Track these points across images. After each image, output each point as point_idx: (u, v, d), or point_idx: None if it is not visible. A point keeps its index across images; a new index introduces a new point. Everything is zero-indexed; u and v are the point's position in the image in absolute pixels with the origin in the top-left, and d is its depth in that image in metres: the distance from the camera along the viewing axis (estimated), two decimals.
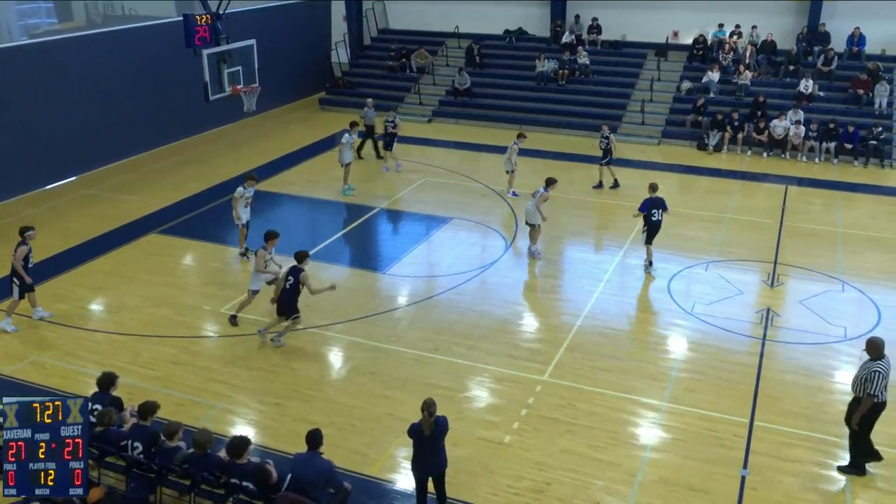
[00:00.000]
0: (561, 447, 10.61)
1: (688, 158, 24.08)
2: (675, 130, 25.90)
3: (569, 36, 29.65)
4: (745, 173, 22.69)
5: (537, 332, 13.86)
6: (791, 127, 24.08)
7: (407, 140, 25.70)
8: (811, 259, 16.44)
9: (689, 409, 11.46)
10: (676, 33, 29.12)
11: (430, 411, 8.70)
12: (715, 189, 21.46)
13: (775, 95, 25.85)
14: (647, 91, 27.03)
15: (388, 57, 31.22)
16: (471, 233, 18.13)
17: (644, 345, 13.31)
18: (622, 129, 26.26)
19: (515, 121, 27.09)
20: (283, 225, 19.25)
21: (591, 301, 14.75)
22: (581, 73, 28.47)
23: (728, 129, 24.60)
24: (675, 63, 28.40)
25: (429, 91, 29.54)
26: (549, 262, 16.89)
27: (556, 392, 11.87)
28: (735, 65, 26.98)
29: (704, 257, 16.60)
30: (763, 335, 13.54)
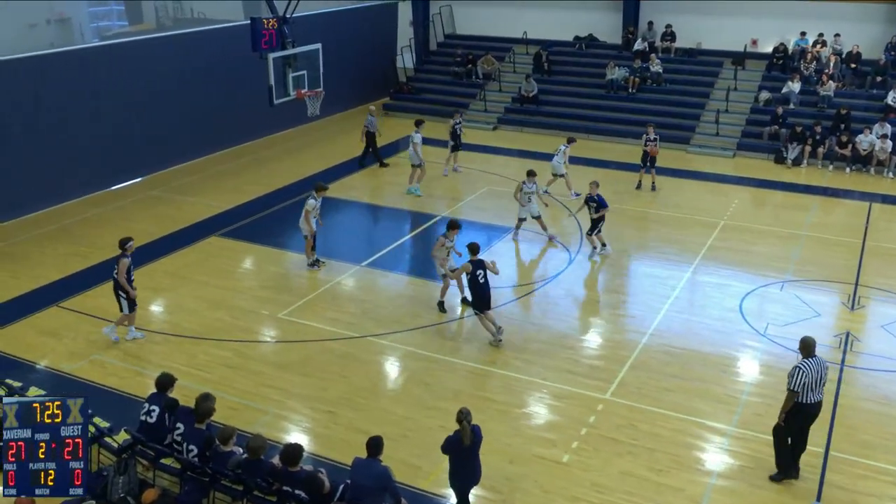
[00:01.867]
0: (621, 469, 10.45)
1: (764, 172, 23.52)
2: (751, 143, 25.33)
3: (641, 43, 29.33)
4: (825, 189, 22.06)
5: (600, 348, 13.69)
6: (877, 141, 23.32)
7: (471, 147, 25.74)
8: (891, 281, 15.86)
9: (758, 435, 11.15)
10: (755, 41, 28.50)
11: (467, 420, 8.76)
12: (792, 204, 20.92)
13: (860, 108, 25.09)
14: (722, 101, 26.53)
15: (453, 63, 31.37)
16: (532, 244, 18.04)
17: (712, 366, 13.01)
18: (695, 141, 25.83)
19: (583, 129, 26.90)
20: (343, 231, 19.60)
21: (658, 318, 14.51)
22: (653, 81, 28.13)
23: (809, 142, 23.96)
24: (753, 72, 27.81)
25: (494, 98, 29.57)
26: (614, 277, 16.70)
27: (618, 412, 11.70)
28: (817, 75, 26.28)
29: (779, 276, 16.17)
30: (841, 360, 13.11)
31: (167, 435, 9.54)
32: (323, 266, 16.51)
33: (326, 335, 13.83)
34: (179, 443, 9.33)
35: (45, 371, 12.78)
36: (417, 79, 32.03)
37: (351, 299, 15.58)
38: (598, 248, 17.14)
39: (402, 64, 32.33)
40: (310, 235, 16.34)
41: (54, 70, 19.51)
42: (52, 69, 19.46)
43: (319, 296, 15.39)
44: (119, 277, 13.20)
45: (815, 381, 9.78)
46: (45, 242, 17.89)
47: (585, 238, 17.33)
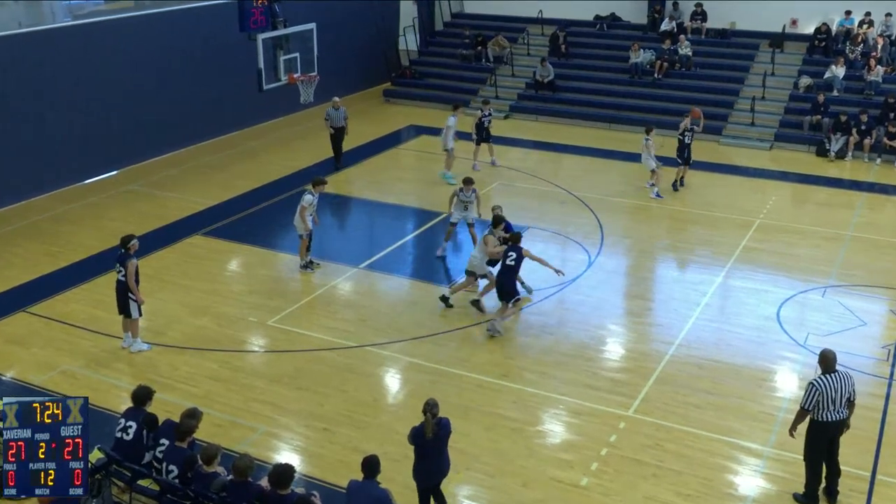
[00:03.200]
0: (645, 493, 10.45)
1: (805, 166, 23.50)
2: (790, 133, 25.32)
3: (668, 23, 29.33)
4: (872, 185, 22.02)
5: (622, 360, 13.69)
6: None
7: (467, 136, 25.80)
8: None
9: (797, 458, 11.10)
10: (795, 21, 28.47)
11: (432, 412, 9.08)
12: (836, 202, 20.89)
13: None
14: (758, 87, 26.51)
15: (461, 44, 31.43)
16: (548, 244, 18.05)
17: (747, 380, 12.99)
18: (728, 131, 25.84)
19: (604, 118, 26.97)
20: (339, 229, 19.66)
21: (687, 327, 14.50)
22: (682, 65, 28.13)
23: (854, 132, 23.92)
24: (793, 56, 27.81)
25: (507, 83, 29.62)
26: (638, 281, 16.71)
27: (642, 430, 11.70)
28: (864, 59, 26.26)
29: (821, 281, 16.14)
30: (890, 375, 13.08)
31: (145, 454, 9.57)
32: (318, 268, 16.57)
33: (321, 344, 13.87)
34: (160, 461, 9.36)
35: (11, 383, 12.83)
36: (422, 62, 32.10)
37: (348, 305, 15.62)
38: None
39: (405, 46, 32.39)
40: (305, 234, 16.35)
41: (21, 52, 19.62)
42: (19, 51, 19.57)
43: (313, 301, 15.42)
44: (130, 282, 13.23)
45: (832, 398, 9.75)
46: (11, 241, 18.00)
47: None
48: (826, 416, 9.84)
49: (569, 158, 24.17)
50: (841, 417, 9.94)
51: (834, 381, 9.81)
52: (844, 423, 10.04)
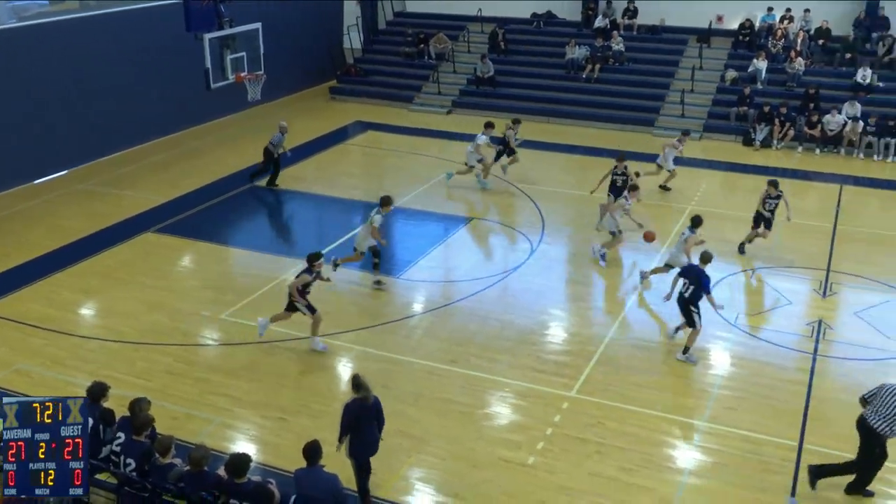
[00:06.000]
0: (589, 470, 10.57)
1: (732, 154, 23.94)
2: (718, 124, 25.75)
3: (602, 20, 29.59)
4: (795, 171, 22.50)
5: (565, 343, 13.82)
6: (848, 121, 23.88)
7: (424, 133, 25.81)
8: (868, 266, 16.25)
9: (731, 430, 11.37)
10: (721, 17, 28.94)
11: (362, 387, 9.29)
12: (762, 188, 21.26)
13: (829, 86, 25.63)
14: (687, 81, 26.90)
15: (404, 43, 31.32)
16: (493, 234, 18.12)
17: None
18: (659, 123, 26.18)
19: (543, 112, 27.11)
20: (290, 223, 19.48)
21: (625, 310, 14.69)
22: (615, 60, 28.40)
23: (777, 122, 24.42)
24: (719, 50, 28.27)
25: (448, 80, 29.59)
26: (579, 267, 16.85)
27: (585, 410, 11.83)
28: (785, 52, 26.80)
29: (750, 263, 16.47)
30: (814, 350, 13.41)
31: (102, 448, 9.40)
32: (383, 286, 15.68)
33: (276, 336, 13.73)
34: (118, 455, 9.20)
35: None
36: (366, 60, 31.89)
37: None
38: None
39: (349, 44, 32.16)
40: (361, 251, 15.47)
41: None
42: None
43: (266, 294, 15.26)
44: (292, 291, 13.06)
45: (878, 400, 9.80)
46: None
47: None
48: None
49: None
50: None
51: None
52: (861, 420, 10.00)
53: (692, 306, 12.95)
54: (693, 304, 12.93)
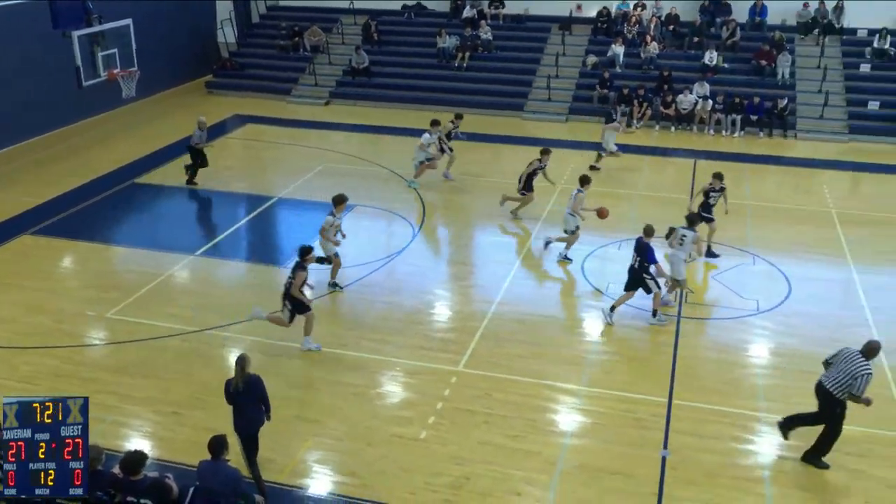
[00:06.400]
0: (479, 439, 10.74)
1: (596, 135, 24.50)
2: (582, 106, 26.44)
3: (470, 10, 29.83)
4: (654, 148, 23.38)
5: (450, 321, 13.96)
6: (699, 100, 24.96)
7: (303, 125, 25.45)
8: (721, 233, 17.05)
9: (607, 392, 11.78)
10: (580, 6, 29.69)
11: (241, 365, 9.28)
12: (624, 166, 22.02)
13: (681, 68, 26.72)
14: (552, 66, 27.48)
15: (279, 35, 30.70)
16: (375, 220, 18.08)
17: (559, 328, 13.59)
18: (528, 107, 26.66)
19: (417, 100, 27.15)
20: (174, 218, 18.84)
21: (504, 286, 14.94)
22: (484, 48, 28.71)
23: (635, 103, 25.28)
24: (580, 37, 28.98)
25: (325, 71, 29.22)
26: (459, 248, 17.02)
27: (472, 383, 12.00)
28: (640, 38, 27.73)
29: (617, 236, 17.03)
30: (678, 313, 14.02)
31: None
32: (340, 292, 15.01)
33: (163, 332, 13.31)
34: None
35: None
36: (241, 54, 31.08)
37: (186, 292, 15.07)
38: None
39: (224, 39, 31.24)
40: (333, 254, 14.71)
41: None
42: None
43: (151, 291, 14.76)
44: (294, 291, 12.38)
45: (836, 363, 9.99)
46: None
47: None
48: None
49: (388, 139, 24.24)
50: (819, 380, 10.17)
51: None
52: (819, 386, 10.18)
53: (645, 274, 13.45)
54: (645, 272, 13.46)
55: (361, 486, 9.87)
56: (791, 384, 11.98)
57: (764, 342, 13.23)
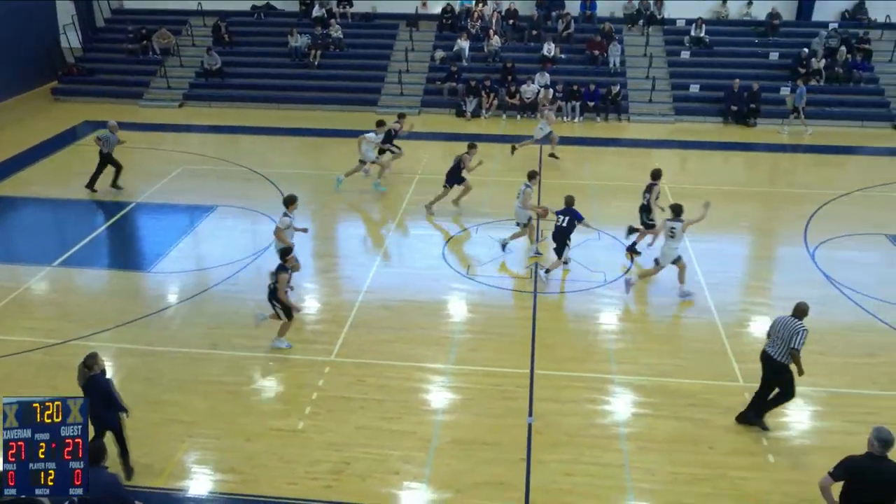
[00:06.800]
0: (355, 424, 10.72)
1: (448, 126, 24.93)
2: (433, 99, 26.68)
3: (319, 10, 29.45)
4: (503, 136, 23.87)
5: (319, 313, 13.81)
6: (540, 89, 25.70)
7: (158, 128, 24.46)
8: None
9: (474, 369, 12.00)
10: (425, 3, 29.89)
11: (86, 364, 9.30)
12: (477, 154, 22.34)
13: (522, 60, 27.39)
14: (402, 62, 27.56)
15: (126, 39, 29.24)
16: (239, 219, 17.61)
17: (426, 312, 13.69)
18: (382, 102, 26.63)
19: (273, 100, 26.65)
20: (28, 230, 17.66)
21: (371, 275, 14.92)
22: (335, 46, 28.43)
23: (483, 94, 25.75)
24: (427, 33, 29.19)
25: (176, 74, 28.10)
26: (324, 242, 16.85)
27: (346, 371, 11.94)
28: (483, 32, 28.23)
29: (474, 221, 17.33)
30: (534, 289, 14.44)
31: None
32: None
33: (24, 347, 12.48)
34: None
35: None
36: (87, 59, 29.42)
37: (46, 303, 14.19)
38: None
39: (68, 44, 29.43)
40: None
41: None
42: None
43: (7, 305, 13.81)
44: (280, 295, 12.02)
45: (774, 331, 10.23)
46: None
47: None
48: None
49: (246, 139, 23.64)
50: (765, 350, 10.42)
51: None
52: (766, 356, 10.41)
53: (567, 239, 14.41)
54: (567, 236, 14.36)
55: (242, 482, 9.65)
56: (638, 346, 12.62)
57: (612, 310, 13.83)
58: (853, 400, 10.73)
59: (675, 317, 13.65)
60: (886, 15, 27.96)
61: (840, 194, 18.98)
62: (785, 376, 10.21)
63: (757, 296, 14.40)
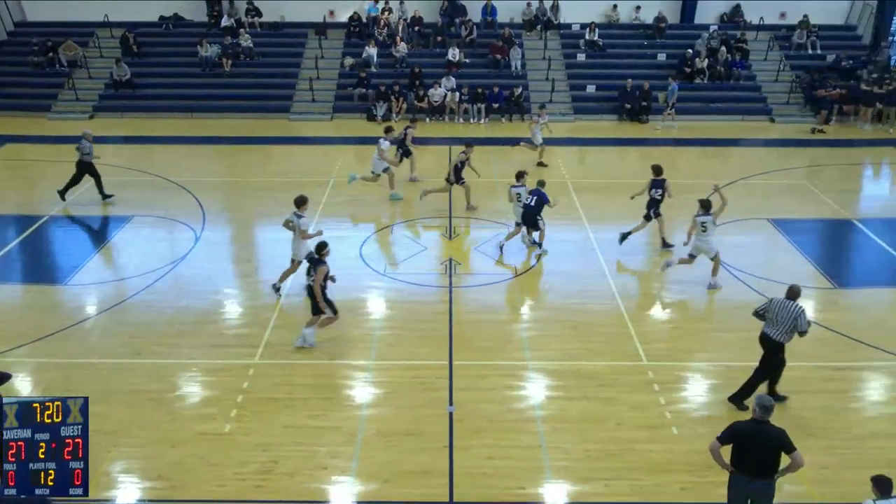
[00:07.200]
0: (282, 423, 10.55)
1: (360, 130, 24.78)
2: (344, 105, 26.48)
3: (228, 20, 28.81)
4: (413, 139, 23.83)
5: (241, 317, 13.53)
6: (447, 93, 25.82)
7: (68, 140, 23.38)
8: (480, 208, 17.87)
9: (395, 363, 11.98)
10: (332, 12, 29.61)
11: None
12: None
13: (429, 65, 27.46)
14: (313, 69, 27.25)
15: (31, 52, 27.91)
16: (156, 228, 17.07)
17: (346, 310, 13.51)
18: (294, 109, 26.30)
19: (185, 109, 25.95)
20: None
21: (290, 278, 14.70)
22: (246, 55, 27.87)
23: (392, 99, 25.70)
24: (336, 41, 28.93)
25: (85, 86, 27.02)
26: (243, 247, 16.53)
27: (270, 372, 11.74)
28: (390, 39, 28.17)
29: (388, 220, 17.29)
30: (450, 283, 14.51)
31: None
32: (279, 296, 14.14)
33: None
34: None
35: None
36: None
37: None
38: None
39: None
40: (298, 260, 13.94)
41: None
42: None
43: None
44: (316, 290, 11.83)
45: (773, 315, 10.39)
46: None
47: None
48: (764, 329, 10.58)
49: (160, 149, 22.94)
50: (764, 332, 10.56)
51: (775, 302, 10.38)
52: (765, 336, 10.58)
53: (538, 216, 15.09)
54: (538, 213, 15.10)
55: (171, 488, 9.37)
56: (549, 333, 12.85)
57: (524, 300, 14.03)
58: (745, 372, 11.16)
59: (583, 304, 13.96)
60: (760, 17, 29.27)
61: (725, 183, 19.76)
62: (779, 354, 10.55)
63: (656, 280, 14.86)
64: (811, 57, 28.38)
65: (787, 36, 29.18)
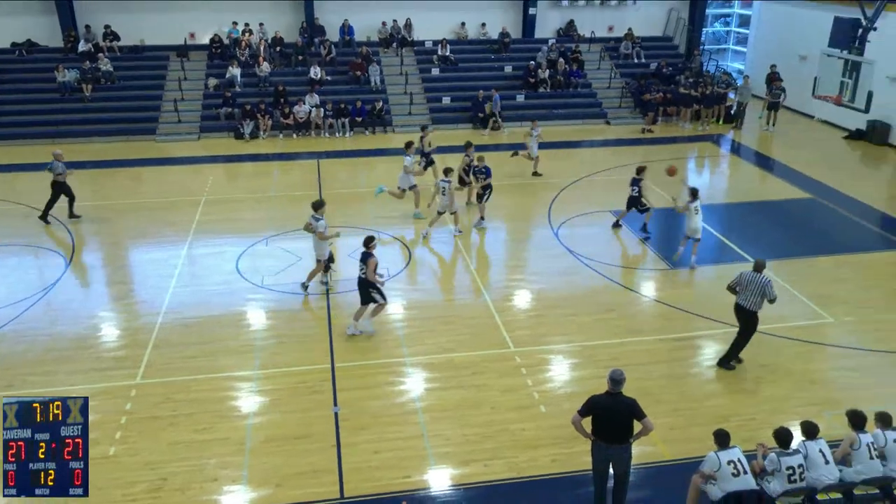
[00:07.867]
0: (168, 441, 10.06)
1: (228, 148, 24.03)
2: (211, 124, 25.56)
3: (85, 44, 27.11)
4: (281, 154, 23.43)
5: (119, 339, 12.78)
6: (312, 109, 25.45)
7: None
8: (348, 217, 17.74)
9: (278, 371, 11.70)
10: (193, 34, 28.50)
11: None
12: (258, 172, 21.82)
13: (292, 83, 26.97)
14: (177, 91, 26.14)
15: None
16: (22, 257, 15.86)
17: (226, 325, 13.12)
18: (161, 130, 25.13)
19: (45, 135, 24.27)
20: None
21: (167, 296, 14.05)
22: (107, 80, 26.36)
23: (259, 116, 25.06)
24: (198, 62, 27.86)
25: None
26: (116, 270, 15.62)
27: (152, 391, 11.16)
28: (253, 59, 27.45)
29: (263, 234, 16.86)
30: (327, 290, 14.32)
31: None
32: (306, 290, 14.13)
33: None
34: None
35: None
36: None
37: None
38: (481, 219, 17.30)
39: None
40: (324, 259, 14.04)
41: None
42: None
43: None
44: (371, 278, 11.99)
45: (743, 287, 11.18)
46: None
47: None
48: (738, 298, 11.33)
49: (21, 176, 21.27)
50: (739, 302, 11.32)
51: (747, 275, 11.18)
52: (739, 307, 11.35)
53: (485, 193, 16.67)
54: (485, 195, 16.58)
55: None
56: (424, 329, 12.93)
57: (398, 300, 14.04)
58: (600, 350, 11.70)
59: (453, 299, 14.14)
60: (591, 31, 30.70)
61: (572, 181, 20.62)
62: (754, 321, 11.31)
63: (516, 273, 15.27)
64: (637, 65, 30.04)
65: (615, 47, 30.73)
